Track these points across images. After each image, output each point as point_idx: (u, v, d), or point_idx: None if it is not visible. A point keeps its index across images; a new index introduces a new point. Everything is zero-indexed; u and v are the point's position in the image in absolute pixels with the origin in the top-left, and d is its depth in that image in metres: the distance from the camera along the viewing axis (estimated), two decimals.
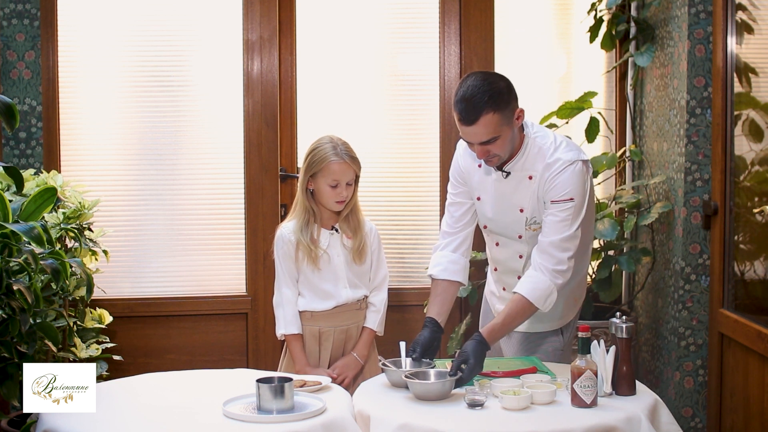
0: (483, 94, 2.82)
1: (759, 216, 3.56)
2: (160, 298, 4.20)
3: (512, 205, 3.05)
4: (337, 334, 3.35)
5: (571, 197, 2.94)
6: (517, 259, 3.16)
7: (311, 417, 2.60)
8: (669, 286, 3.94)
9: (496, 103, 2.83)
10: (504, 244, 3.17)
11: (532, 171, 2.99)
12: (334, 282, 3.33)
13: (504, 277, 3.24)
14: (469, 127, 2.85)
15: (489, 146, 2.89)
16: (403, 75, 4.35)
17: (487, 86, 2.84)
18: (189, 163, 4.22)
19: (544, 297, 2.93)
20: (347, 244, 3.34)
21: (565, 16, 4.42)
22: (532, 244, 3.04)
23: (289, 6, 4.23)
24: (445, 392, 2.75)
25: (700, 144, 3.79)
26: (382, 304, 3.42)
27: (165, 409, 2.71)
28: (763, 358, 3.32)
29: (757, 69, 3.58)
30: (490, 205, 3.10)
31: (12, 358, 2.81)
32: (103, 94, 4.15)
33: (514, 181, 3.03)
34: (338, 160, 3.25)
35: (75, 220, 3.45)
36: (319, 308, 3.33)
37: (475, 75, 2.90)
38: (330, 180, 3.26)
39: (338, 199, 3.28)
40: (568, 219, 2.94)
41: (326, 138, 3.33)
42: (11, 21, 4.01)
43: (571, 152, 2.98)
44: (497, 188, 3.06)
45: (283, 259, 3.35)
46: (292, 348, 3.33)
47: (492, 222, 3.14)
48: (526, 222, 3.05)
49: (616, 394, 2.79)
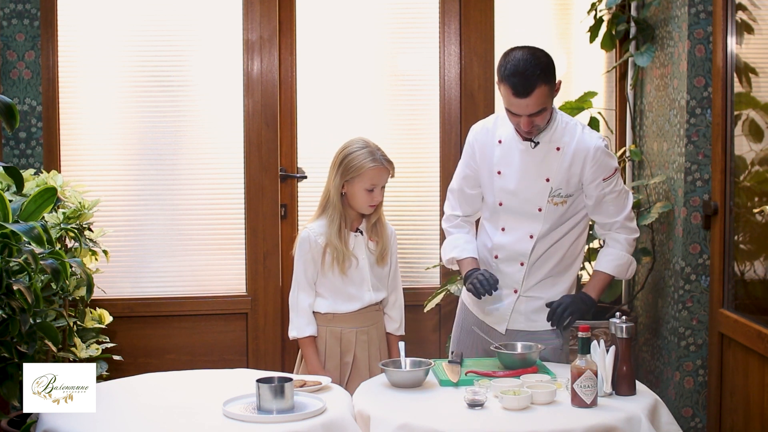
0: (535, 68, 2.96)
1: (759, 216, 3.56)
2: (160, 298, 4.20)
3: (538, 175, 3.14)
4: (359, 335, 3.34)
5: (614, 169, 3.17)
6: (527, 240, 3.18)
7: (311, 417, 2.60)
8: (669, 286, 3.94)
9: (546, 75, 2.99)
10: (513, 227, 3.20)
11: (560, 143, 3.13)
12: (359, 284, 3.32)
13: (503, 266, 3.22)
14: (522, 99, 2.97)
15: (535, 117, 3.02)
16: (403, 75, 4.35)
17: (536, 60, 2.98)
18: (189, 163, 4.22)
19: (625, 268, 3.24)
20: (371, 246, 3.34)
21: (565, 16, 4.42)
22: (549, 223, 3.15)
23: (289, 6, 4.23)
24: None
25: (700, 144, 3.79)
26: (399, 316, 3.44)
27: (165, 409, 2.71)
28: (763, 358, 3.32)
29: (757, 69, 3.58)
30: (513, 177, 3.17)
31: (12, 358, 2.81)
32: (103, 94, 4.15)
33: (542, 152, 3.14)
34: (377, 165, 3.25)
35: (75, 220, 3.45)
36: (342, 310, 3.31)
37: (521, 49, 3.03)
38: (368, 184, 3.25)
39: (373, 203, 3.29)
40: (623, 190, 3.20)
41: (360, 141, 3.30)
42: (11, 21, 4.01)
43: (594, 132, 3.20)
44: (524, 159, 3.15)
45: (305, 261, 3.31)
46: (307, 352, 3.31)
47: (512, 196, 3.18)
48: (550, 192, 3.13)
49: (616, 394, 2.79)
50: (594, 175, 3.12)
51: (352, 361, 3.33)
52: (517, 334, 3.22)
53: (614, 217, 3.20)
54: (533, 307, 3.22)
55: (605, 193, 3.15)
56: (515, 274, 3.21)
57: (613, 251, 3.22)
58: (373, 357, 3.36)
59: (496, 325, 3.26)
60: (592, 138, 3.14)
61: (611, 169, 3.14)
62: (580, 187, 3.16)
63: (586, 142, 3.11)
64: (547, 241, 3.19)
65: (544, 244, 3.19)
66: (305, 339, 3.30)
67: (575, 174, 3.13)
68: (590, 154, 3.10)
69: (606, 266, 3.21)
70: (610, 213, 3.19)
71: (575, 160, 3.11)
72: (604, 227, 3.24)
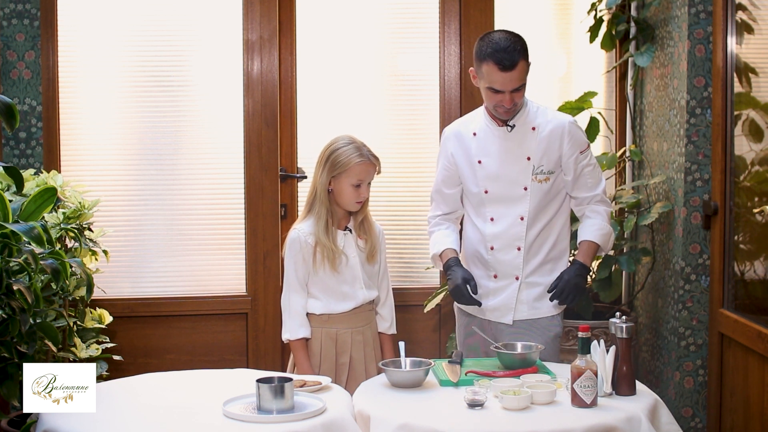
0: (516, 44, 3.13)
1: (759, 216, 3.56)
2: (160, 298, 4.20)
3: (519, 156, 3.26)
4: (354, 335, 3.34)
5: (588, 144, 3.35)
6: (518, 223, 3.26)
7: (311, 417, 2.60)
8: (669, 286, 3.94)
9: (525, 52, 3.16)
10: (502, 214, 3.28)
11: (534, 124, 3.26)
12: (352, 283, 3.32)
13: (500, 255, 3.28)
14: (507, 73, 3.10)
15: (516, 94, 3.16)
16: (403, 75, 4.35)
17: (516, 37, 3.16)
18: (189, 163, 4.22)
19: (608, 238, 3.34)
20: (360, 244, 3.34)
21: (565, 16, 4.42)
22: (535, 202, 3.25)
23: (289, 6, 4.23)
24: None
25: (700, 144, 3.79)
26: (390, 315, 3.45)
27: (165, 409, 2.71)
28: (763, 358, 3.32)
29: (757, 69, 3.58)
30: (495, 163, 3.28)
31: (12, 358, 2.81)
32: (103, 94, 4.15)
33: (519, 134, 3.26)
34: (364, 160, 3.26)
35: (75, 220, 3.45)
36: (337, 310, 3.31)
37: (498, 31, 3.22)
38: (354, 180, 3.26)
39: (359, 199, 3.29)
40: (596, 164, 3.35)
41: (346, 138, 3.31)
42: (11, 21, 4.01)
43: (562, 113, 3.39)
44: (502, 144, 3.28)
45: (296, 262, 3.30)
46: (297, 354, 3.30)
47: (496, 181, 3.27)
48: (533, 170, 3.25)
49: (616, 394, 2.79)
50: (572, 150, 3.25)
51: (349, 362, 3.33)
52: (521, 324, 3.27)
53: (592, 191, 3.31)
54: (535, 294, 3.28)
55: (582, 166, 3.27)
56: (514, 260, 3.27)
57: (596, 222, 3.32)
58: (369, 357, 3.36)
59: (502, 318, 3.29)
60: (564, 116, 3.31)
61: (585, 143, 3.31)
62: (560, 164, 3.26)
63: (560, 120, 3.28)
64: (539, 224, 3.27)
65: (536, 226, 3.27)
66: (297, 342, 3.29)
67: (554, 150, 3.25)
68: (566, 129, 3.25)
69: (592, 236, 3.30)
70: (589, 186, 3.30)
71: (552, 137, 3.24)
72: (582, 202, 3.34)
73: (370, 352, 3.36)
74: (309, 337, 3.30)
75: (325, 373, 3.27)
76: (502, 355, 3.00)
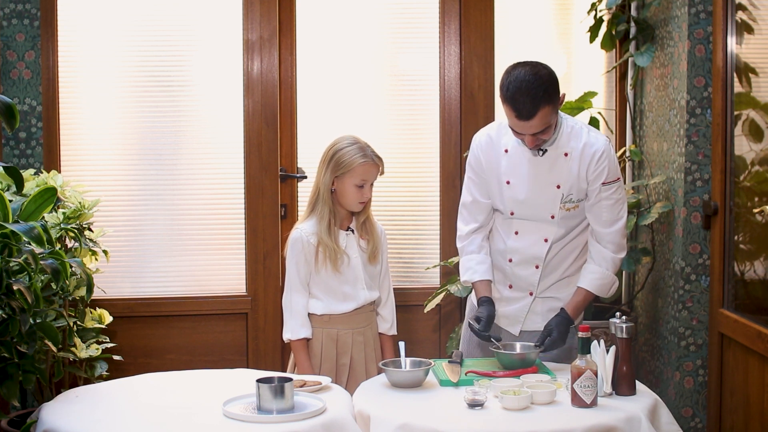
0: (538, 89, 2.89)
1: (759, 216, 3.56)
2: (160, 298, 4.20)
3: (548, 183, 3.11)
4: (355, 336, 3.34)
5: (617, 177, 3.12)
6: (541, 244, 3.16)
7: (311, 417, 2.60)
8: (669, 286, 3.94)
9: (549, 95, 2.91)
10: (527, 231, 3.17)
11: (567, 148, 3.09)
12: (353, 283, 3.31)
13: (518, 269, 3.20)
14: (526, 122, 2.92)
15: (540, 135, 2.98)
16: (403, 75, 4.35)
17: (539, 80, 2.90)
18: (189, 163, 4.22)
19: (607, 288, 3.17)
20: (362, 245, 3.34)
21: (565, 16, 4.42)
22: (563, 226, 3.12)
23: (289, 6, 4.23)
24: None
25: (700, 144, 3.79)
26: (391, 316, 3.44)
27: (165, 409, 2.71)
28: (763, 358, 3.33)
29: (757, 69, 3.58)
30: (523, 186, 3.13)
31: (12, 358, 2.81)
32: (103, 94, 4.15)
33: (550, 159, 3.10)
34: (368, 161, 3.26)
35: (75, 220, 3.45)
36: (338, 310, 3.30)
37: (523, 66, 2.95)
38: (358, 180, 3.25)
39: (362, 199, 3.28)
40: (621, 199, 3.13)
41: (349, 138, 3.30)
42: (11, 21, 4.01)
43: (600, 134, 3.14)
44: (532, 167, 3.11)
45: (298, 262, 3.30)
46: (298, 354, 3.30)
47: (523, 205, 3.15)
48: (562, 199, 3.11)
49: (616, 394, 2.79)
50: (594, 176, 3.08)
51: (349, 363, 3.32)
52: (530, 335, 3.20)
53: (605, 227, 3.13)
54: (549, 306, 3.21)
55: (601, 198, 3.10)
56: (530, 277, 3.20)
57: (597, 269, 3.14)
58: (370, 358, 3.36)
59: (509, 327, 3.26)
60: (597, 140, 3.10)
61: (611, 175, 3.09)
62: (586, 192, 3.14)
63: (592, 145, 3.08)
64: (562, 243, 3.18)
65: (559, 246, 3.18)
66: (298, 342, 3.29)
67: (583, 177, 3.10)
68: (595, 156, 3.07)
69: (589, 285, 3.14)
70: (602, 221, 3.13)
71: (582, 163, 3.08)
72: (593, 234, 3.17)
73: (370, 352, 3.36)
74: (310, 337, 3.30)
75: (325, 373, 3.27)
76: (501, 355, 3.00)
